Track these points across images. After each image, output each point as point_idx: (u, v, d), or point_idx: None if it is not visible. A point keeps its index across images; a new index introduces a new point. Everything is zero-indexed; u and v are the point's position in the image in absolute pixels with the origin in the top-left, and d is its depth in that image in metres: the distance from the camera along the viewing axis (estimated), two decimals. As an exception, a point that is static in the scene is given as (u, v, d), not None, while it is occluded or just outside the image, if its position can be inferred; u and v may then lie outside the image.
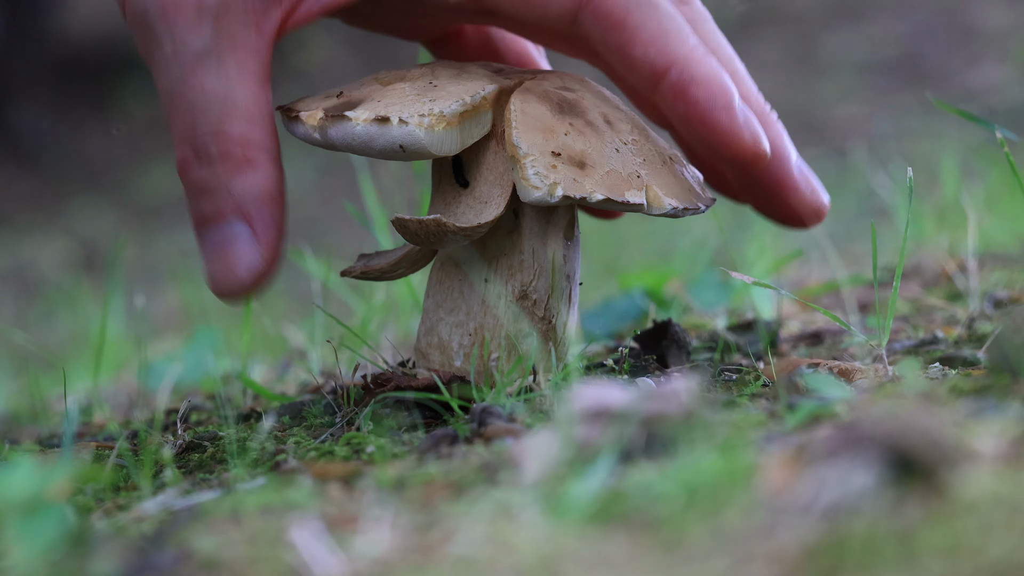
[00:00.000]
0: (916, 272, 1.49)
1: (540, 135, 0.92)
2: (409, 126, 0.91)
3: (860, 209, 2.90)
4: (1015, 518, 0.57)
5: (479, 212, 0.94)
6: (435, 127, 0.91)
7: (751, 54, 5.85)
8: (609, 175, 0.92)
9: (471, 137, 0.94)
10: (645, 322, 1.30)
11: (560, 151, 0.91)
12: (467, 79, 0.95)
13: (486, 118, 0.94)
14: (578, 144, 0.92)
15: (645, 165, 0.94)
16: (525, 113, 0.93)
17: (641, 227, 3.00)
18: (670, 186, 0.94)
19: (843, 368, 0.96)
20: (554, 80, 0.97)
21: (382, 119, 0.91)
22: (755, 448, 0.73)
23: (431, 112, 0.91)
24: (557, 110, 0.94)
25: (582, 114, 0.94)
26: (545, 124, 0.93)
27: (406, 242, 0.96)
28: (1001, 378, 0.84)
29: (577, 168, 0.91)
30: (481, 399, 0.93)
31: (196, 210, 0.92)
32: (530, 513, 0.66)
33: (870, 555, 0.56)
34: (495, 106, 0.94)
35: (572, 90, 0.96)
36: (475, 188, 0.95)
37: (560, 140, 0.92)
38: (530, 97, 0.94)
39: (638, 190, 0.92)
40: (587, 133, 0.93)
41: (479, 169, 0.95)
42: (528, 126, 0.92)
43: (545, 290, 0.96)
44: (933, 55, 5.47)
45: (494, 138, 0.95)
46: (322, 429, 0.95)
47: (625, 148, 0.94)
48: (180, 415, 1.02)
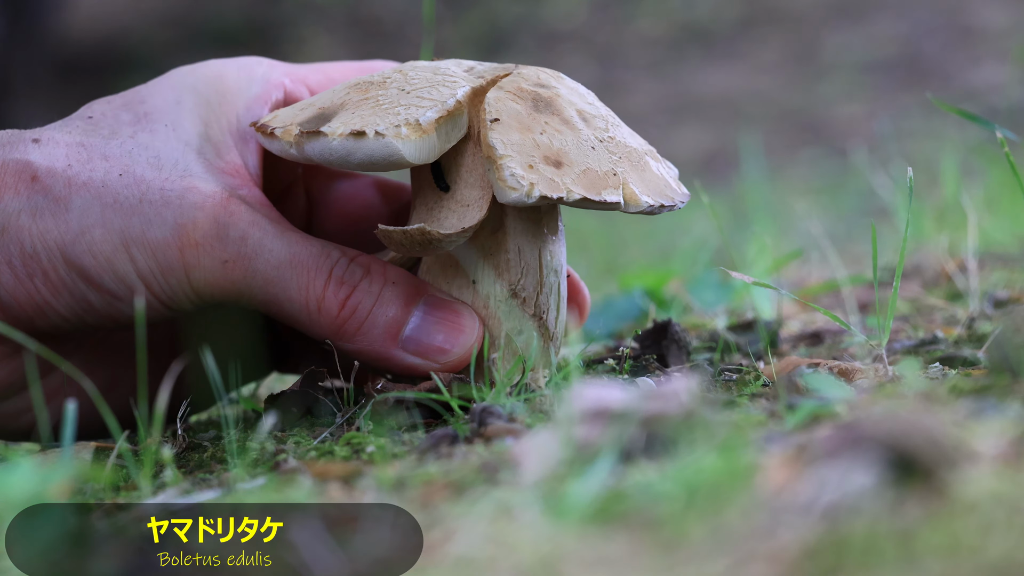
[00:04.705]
0: (916, 272, 1.49)
1: (516, 134, 0.91)
2: (386, 138, 0.89)
3: (860, 209, 2.90)
4: (1015, 518, 0.57)
5: (462, 216, 0.92)
6: (412, 136, 0.90)
7: (751, 54, 5.85)
8: (586, 174, 0.90)
9: (448, 141, 0.92)
10: (645, 322, 1.30)
11: (536, 150, 0.90)
12: (441, 82, 0.93)
13: (462, 121, 0.93)
14: (555, 142, 0.91)
15: (621, 162, 0.93)
16: (501, 112, 0.91)
17: (641, 227, 3.00)
18: (647, 182, 0.93)
19: (843, 368, 0.96)
20: (530, 76, 0.95)
21: (358, 133, 0.90)
22: (755, 448, 0.72)
23: (407, 122, 0.90)
24: (533, 108, 0.92)
25: (558, 112, 0.93)
26: (521, 122, 0.91)
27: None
28: (1001, 378, 0.84)
29: (554, 167, 0.90)
30: (481, 399, 0.93)
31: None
32: (530, 513, 0.66)
33: (870, 555, 0.56)
34: (471, 106, 0.93)
35: (547, 87, 0.95)
36: (456, 192, 0.94)
37: (536, 139, 0.91)
38: (505, 96, 0.92)
39: (615, 188, 0.91)
40: (563, 131, 0.92)
41: (459, 172, 0.94)
42: (504, 126, 0.91)
43: (533, 288, 0.96)
44: (933, 55, 5.47)
45: (471, 140, 0.93)
46: (322, 429, 0.95)
47: (601, 145, 0.93)
48: (180, 415, 1.02)
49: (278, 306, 0.94)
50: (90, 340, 1.02)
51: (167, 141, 0.96)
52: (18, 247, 0.93)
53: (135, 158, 0.95)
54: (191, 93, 0.99)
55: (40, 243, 0.93)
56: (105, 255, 0.93)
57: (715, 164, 4.43)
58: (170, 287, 0.94)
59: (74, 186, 0.93)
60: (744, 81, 5.63)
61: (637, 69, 5.96)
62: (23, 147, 0.95)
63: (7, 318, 0.94)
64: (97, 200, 0.93)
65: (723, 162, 4.34)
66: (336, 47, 6.52)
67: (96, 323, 0.95)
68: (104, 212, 0.93)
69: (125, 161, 0.95)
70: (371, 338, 0.95)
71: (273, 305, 0.94)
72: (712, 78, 5.71)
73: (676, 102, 5.46)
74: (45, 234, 0.93)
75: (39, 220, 0.93)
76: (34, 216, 0.93)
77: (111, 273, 0.93)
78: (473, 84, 0.94)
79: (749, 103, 5.29)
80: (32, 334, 0.95)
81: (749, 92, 5.47)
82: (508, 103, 0.92)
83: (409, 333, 0.95)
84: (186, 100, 0.98)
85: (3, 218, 0.93)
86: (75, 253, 0.93)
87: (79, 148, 0.95)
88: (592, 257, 2.58)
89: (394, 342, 0.95)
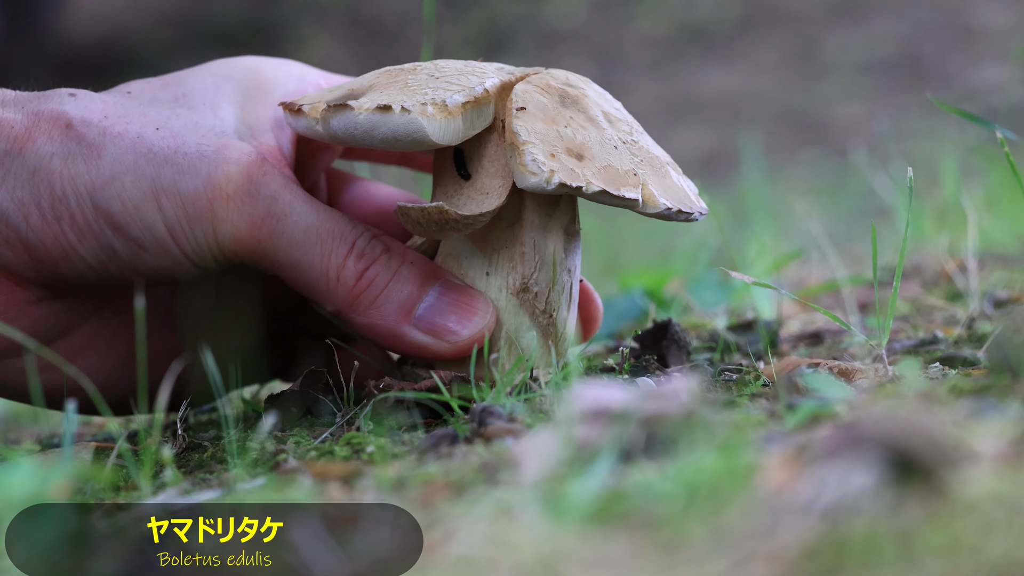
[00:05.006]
0: (916, 272, 1.49)
1: (541, 124, 0.92)
2: (412, 114, 0.91)
3: (860, 209, 2.90)
4: (1015, 518, 0.57)
5: (480, 203, 0.94)
6: (437, 116, 0.91)
7: (751, 54, 5.85)
8: (607, 169, 0.92)
9: (473, 128, 0.94)
10: (645, 322, 1.30)
11: (559, 141, 0.91)
12: (471, 72, 0.95)
13: (488, 110, 0.94)
14: (578, 136, 0.93)
15: (643, 165, 0.94)
16: (527, 103, 0.93)
17: (641, 227, 3.00)
18: (666, 188, 0.94)
19: (843, 368, 0.96)
20: (559, 76, 0.97)
21: (384, 107, 0.91)
22: (755, 448, 0.72)
23: (434, 101, 0.91)
24: (559, 103, 0.94)
25: (584, 109, 0.95)
26: (547, 114, 0.93)
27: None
28: (1001, 378, 0.84)
29: (575, 159, 0.91)
30: (481, 399, 0.93)
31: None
32: (530, 513, 0.66)
33: (870, 555, 0.56)
34: (498, 99, 0.95)
35: (575, 87, 0.97)
36: (477, 180, 0.95)
37: (560, 131, 0.92)
38: (533, 89, 0.94)
39: (634, 187, 0.92)
40: (587, 127, 0.93)
41: (481, 161, 0.95)
42: (529, 115, 0.92)
43: (546, 284, 0.96)
44: (933, 55, 5.47)
45: (496, 131, 0.95)
46: (322, 429, 0.95)
47: (624, 146, 0.94)
48: (180, 415, 1.02)
49: (298, 271, 0.95)
50: (110, 305, 1.01)
51: (205, 116, 0.97)
52: (48, 189, 0.93)
53: (173, 119, 0.96)
54: (229, 80, 1.00)
55: (70, 187, 0.93)
56: (134, 202, 0.93)
57: (715, 164, 4.43)
58: (195, 240, 0.94)
59: (109, 135, 0.94)
60: (744, 81, 5.63)
61: (637, 69, 5.96)
62: (59, 99, 0.96)
63: (33, 260, 0.94)
64: (131, 149, 0.94)
65: (723, 162, 4.34)
66: (336, 47, 6.53)
67: (120, 274, 0.96)
68: (137, 161, 0.93)
69: (163, 118, 0.96)
70: (384, 312, 0.95)
71: (293, 270, 0.95)
72: (712, 78, 5.71)
73: (676, 102, 5.46)
74: (76, 178, 0.93)
75: (71, 164, 0.93)
76: (66, 160, 0.93)
77: (138, 221, 0.93)
78: (503, 78, 0.95)
79: (749, 103, 5.29)
80: (57, 279, 0.95)
81: (749, 92, 5.47)
82: (535, 96, 0.94)
83: (422, 312, 0.96)
84: (224, 86, 1.00)
85: (35, 160, 0.93)
86: (104, 198, 0.93)
87: (116, 105, 0.96)
88: (592, 257, 2.58)
89: (407, 319, 0.96)
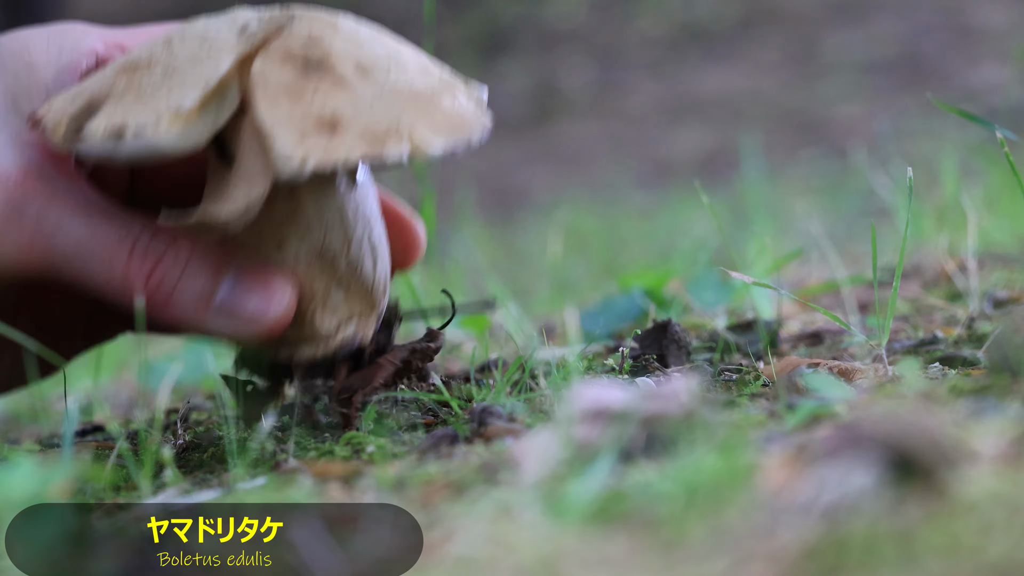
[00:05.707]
0: (916, 272, 1.49)
1: (284, 106, 0.85)
2: (144, 137, 0.84)
3: (860, 209, 2.90)
4: (1015, 518, 0.57)
5: (249, 189, 0.87)
6: (173, 128, 0.84)
7: (751, 54, 5.86)
8: (364, 133, 0.84)
9: (219, 119, 0.87)
10: (645, 322, 1.30)
11: (308, 118, 0.84)
12: (207, 55, 0.87)
13: (232, 93, 0.87)
14: (328, 105, 0.85)
15: (407, 110, 0.86)
16: (267, 84, 0.86)
17: (641, 227, 3.00)
18: (438, 124, 0.87)
19: (843, 368, 0.96)
20: (300, 33, 0.88)
21: (116, 133, 0.85)
22: (755, 448, 0.73)
23: (168, 109, 0.85)
24: (302, 73, 0.86)
25: (330, 70, 0.86)
26: (289, 92, 0.85)
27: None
28: (1001, 378, 0.84)
29: (328, 132, 0.84)
30: (481, 399, 0.93)
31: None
32: (530, 513, 0.66)
33: (870, 555, 0.56)
34: (242, 74, 0.87)
35: (319, 44, 0.88)
36: (241, 163, 0.88)
37: (307, 106, 0.85)
38: (270, 64, 0.87)
39: (397, 142, 0.84)
40: (337, 92, 0.85)
41: (239, 143, 0.88)
42: (271, 98, 0.85)
43: (341, 242, 0.92)
44: (933, 55, 5.47)
45: (246, 108, 0.87)
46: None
47: (382, 99, 0.86)
48: (180, 415, 1.02)
49: (86, 284, 0.92)
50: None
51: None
52: None
53: None
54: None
55: None
56: None
57: (715, 164, 4.44)
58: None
59: None
60: (744, 81, 5.63)
61: (637, 69, 5.96)
62: None
63: None
64: None
65: (723, 162, 4.34)
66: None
67: None
68: None
69: None
70: (183, 308, 0.92)
71: (81, 283, 0.92)
72: (712, 78, 5.71)
73: (676, 102, 5.46)
74: None
75: None
76: None
77: None
78: (241, 51, 0.88)
79: (749, 103, 5.29)
80: None
81: (749, 92, 5.47)
82: (274, 72, 0.86)
83: (221, 301, 0.92)
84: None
85: None
86: None
87: None
88: (592, 257, 2.59)
89: (206, 311, 0.92)
